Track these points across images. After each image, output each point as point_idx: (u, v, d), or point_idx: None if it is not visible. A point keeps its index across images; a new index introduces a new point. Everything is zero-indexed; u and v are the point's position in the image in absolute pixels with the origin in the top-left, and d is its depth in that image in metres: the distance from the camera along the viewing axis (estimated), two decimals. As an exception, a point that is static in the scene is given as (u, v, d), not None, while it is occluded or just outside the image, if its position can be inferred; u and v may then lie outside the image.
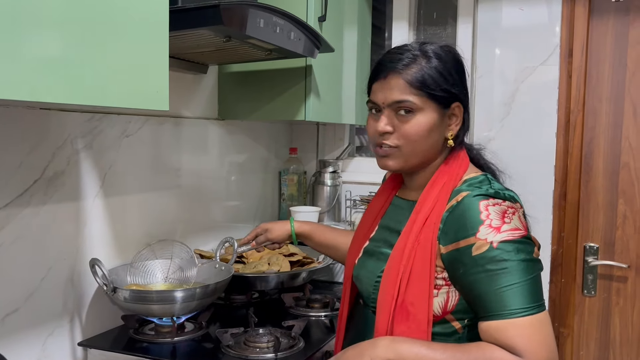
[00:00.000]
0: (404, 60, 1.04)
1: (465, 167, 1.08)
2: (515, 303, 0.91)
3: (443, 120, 1.06)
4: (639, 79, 1.93)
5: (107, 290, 1.36)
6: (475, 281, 0.94)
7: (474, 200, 0.98)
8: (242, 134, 2.08)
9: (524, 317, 0.91)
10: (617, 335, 2.00)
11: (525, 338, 0.90)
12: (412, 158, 1.07)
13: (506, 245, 0.93)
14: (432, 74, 1.03)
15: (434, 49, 1.06)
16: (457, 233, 0.97)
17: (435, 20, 2.28)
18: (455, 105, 1.06)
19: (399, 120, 1.05)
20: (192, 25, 1.25)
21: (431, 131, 1.04)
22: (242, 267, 1.76)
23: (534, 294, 0.93)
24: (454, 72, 1.06)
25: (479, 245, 0.94)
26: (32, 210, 1.30)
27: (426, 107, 1.03)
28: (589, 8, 1.95)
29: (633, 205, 1.95)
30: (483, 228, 0.95)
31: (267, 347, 1.35)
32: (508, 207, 0.98)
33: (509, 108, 2.06)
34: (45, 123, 1.32)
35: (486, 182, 1.03)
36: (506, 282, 0.92)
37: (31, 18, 0.81)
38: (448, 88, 1.04)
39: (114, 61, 0.95)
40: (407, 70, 1.03)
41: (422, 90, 1.03)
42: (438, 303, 1.01)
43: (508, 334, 0.90)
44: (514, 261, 0.93)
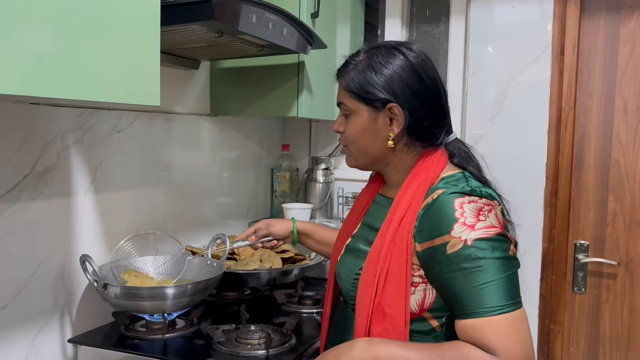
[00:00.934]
0: (348, 66, 1.10)
1: (443, 165, 1.07)
2: (491, 301, 0.90)
3: (378, 122, 1.07)
4: (630, 77, 1.94)
5: (98, 287, 1.35)
6: (451, 279, 0.94)
7: (449, 197, 0.97)
8: (234, 130, 2.07)
9: (500, 315, 0.90)
10: (607, 331, 2.01)
11: (500, 336, 0.89)
12: (360, 157, 1.12)
13: (481, 243, 0.93)
14: (363, 77, 1.07)
15: (379, 51, 1.07)
16: (432, 231, 0.97)
17: (428, 17, 2.28)
18: (392, 106, 1.05)
19: (345, 120, 1.12)
20: (183, 20, 1.24)
21: (364, 131, 1.08)
22: (234, 263, 1.76)
23: (510, 291, 0.92)
24: (393, 75, 1.05)
25: (453, 244, 0.94)
26: (22, 205, 1.29)
27: (358, 108, 1.08)
28: (581, 6, 1.95)
29: (623, 203, 1.96)
30: (457, 226, 0.94)
31: (259, 343, 1.35)
32: (484, 204, 0.97)
33: (501, 106, 2.07)
34: (35, 118, 1.31)
35: (463, 180, 1.02)
36: (481, 280, 0.91)
37: (21, 13, 0.80)
38: (374, 91, 1.05)
39: (105, 56, 0.94)
40: (347, 74, 1.10)
41: (352, 92, 1.08)
42: (415, 300, 1.00)
43: (483, 333, 0.90)
44: (489, 259, 0.92)
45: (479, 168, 1.10)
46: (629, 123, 1.95)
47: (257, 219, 2.23)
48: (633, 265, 1.96)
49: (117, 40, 0.96)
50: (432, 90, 1.07)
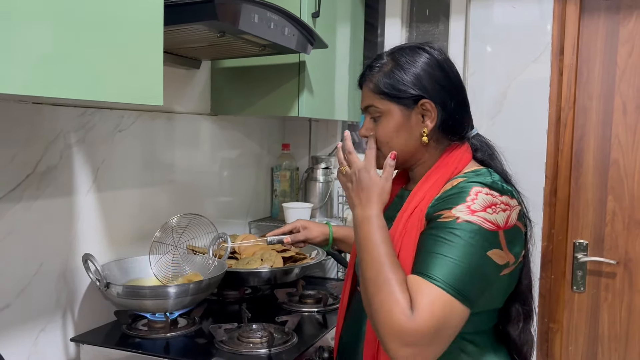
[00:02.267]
0: (373, 69, 1.12)
1: (467, 161, 1.09)
2: (442, 273, 0.91)
3: (411, 119, 1.08)
4: (629, 77, 1.95)
5: (100, 286, 1.35)
6: (425, 239, 0.97)
7: (468, 185, 1.00)
8: (234, 130, 2.08)
9: (444, 291, 0.90)
10: (606, 330, 2.02)
11: (428, 303, 0.88)
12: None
13: (467, 225, 0.94)
14: (392, 78, 1.08)
15: (404, 52, 1.10)
16: (440, 206, 1.00)
17: (428, 17, 2.28)
18: (424, 102, 1.07)
19: (373, 124, 1.13)
20: (186, 20, 1.25)
21: (398, 131, 1.09)
22: (235, 262, 1.76)
23: (461, 281, 0.91)
24: (421, 72, 1.07)
25: (447, 216, 0.96)
26: (24, 205, 1.29)
27: (390, 109, 1.09)
28: (580, 6, 1.96)
29: (622, 202, 1.97)
30: (461, 206, 0.96)
31: (261, 342, 1.36)
32: (501, 202, 0.98)
33: (501, 105, 2.07)
34: (38, 117, 1.32)
35: (487, 174, 1.04)
36: (445, 252, 0.92)
37: (24, 13, 0.80)
38: (406, 89, 1.07)
39: (108, 56, 0.95)
40: (373, 77, 1.11)
41: (381, 94, 1.09)
42: None
43: (420, 289, 0.90)
44: (464, 241, 0.93)
45: (501, 162, 1.13)
46: (628, 123, 1.96)
47: (258, 218, 2.24)
48: (632, 265, 1.97)
49: (120, 40, 0.97)
50: (458, 85, 1.11)
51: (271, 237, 1.50)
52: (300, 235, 1.48)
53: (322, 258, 1.82)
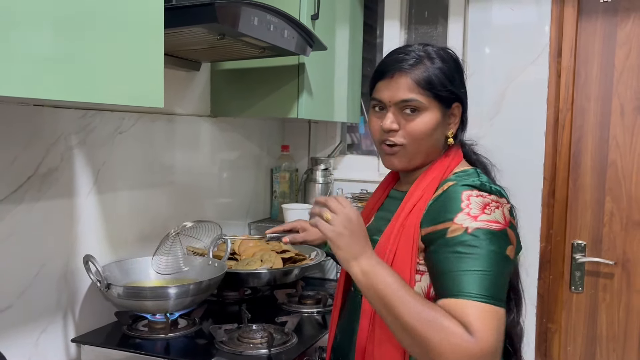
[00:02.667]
0: (410, 61, 1.07)
1: (458, 161, 1.12)
2: (476, 287, 0.92)
3: (444, 120, 1.10)
4: (627, 78, 1.96)
5: (101, 287, 1.36)
6: (444, 260, 0.96)
7: (458, 189, 1.01)
8: (234, 131, 2.09)
9: (485, 303, 0.91)
10: (604, 330, 2.03)
11: (480, 321, 0.89)
12: (416, 156, 1.10)
13: (480, 233, 0.95)
14: (438, 75, 1.06)
15: (436, 50, 1.10)
16: (437, 217, 1.00)
17: (427, 19, 2.29)
18: (456, 106, 1.10)
19: (404, 118, 1.07)
20: (186, 22, 1.26)
21: (435, 130, 1.08)
22: (235, 263, 1.77)
23: (496, 287, 0.93)
24: (455, 73, 1.10)
25: (454, 229, 0.96)
26: (26, 206, 1.30)
27: (431, 106, 1.07)
28: (578, 9, 1.97)
29: (620, 203, 1.98)
30: (461, 215, 0.97)
31: (261, 342, 1.37)
32: (492, 200, 1.00)
33: (499, 107, 2.08)
34: (39, 119, 1.32)
35: (474, 175, 1.06)
36: (472, 266, 0.93)
37: (26, 15, 0.81)
38: (451, 89, 1.08)
39: (109, 58, 0.96)
40: (414, 70, 1.06)
41: (428, 90, 1.06)
42: (421, 288, 1.03)
43: (465, 311, 0.90)
44: (484, 249, 0.94)
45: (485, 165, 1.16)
46: (625, 124, 1.97)
47: (257, 219, 2.24)
48: (630, 265, 1.98)
49: (121, 43, 0.98)
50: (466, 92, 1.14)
51: (270, 235, 1.51)
52: (298, 236, 1.48)
53: (322, 259, 1.82)
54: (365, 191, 2.27)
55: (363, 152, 2.46)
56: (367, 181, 2.28)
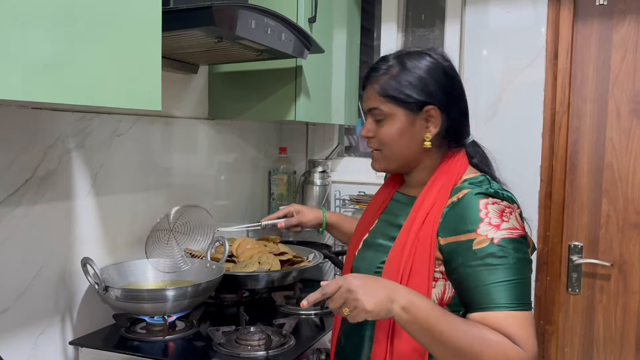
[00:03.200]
0: (379, 72, 1.13)
1: (465, 167, 1.12)
2: (510, 297, 0.95)
3: (415, 124, 1.11)
4: (622, 81, 1.97)
5: (99, 289, 1.36)
6: (474, 273, 0.98)
7: (474, 197, 1.02)
8: (232, 134, 2.09)
9: (520, 311, 0.95)
10: (601, 332, 2.04)
11: (522, 329, 0.93)
12: (393, 160, 1.14)
13: (506, 243, 0.98)
14: (399, 82, 1.09)
15: (411, 57, 1.11)
16: (457, 227, 1.01)
17: (424, 21, 2.30)
18: (429, 109, 1.10)
19: (377, 125, 1.14)
20: (184, 26, 1.26)
21: (402, 134, 1.11)
22: (233, 266, 1.77)
23: (526, 292, 0.98)
24: (428, 78, 1.10)
25: (479, 240, 0.98)
26: (24, 209, 1.30)
27: (395, 112, 1.10)
28: (574, 12, 1.99)
29: (616, 205, 1.99)
30: (483, 225, 0.99)
31: (259, 344, 1.37)
32: (506, 206, 1.02)
33: (496, 109, 2.09)
34: (37, 122, 1.33)
35: (486, 182, 1.08)
36: (503, 277, 0.96)
37: (24, 18, 0.81)
38: (413, 94, 1.09)
39: (108, 61, 0.96)
40: (379, 80, 1.12)
41: (387, 97, 1.10)
42: (435, 294, 1.04)
43: (506, 323, 0.93)
44: (512, 258, 0.97)
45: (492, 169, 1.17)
46: (621, 126, 1.98)
47: (255, 221, 2.24)
48: (626, 267, 1.99)
49: (119, 46, 0.98)
50: (461, 92, 1.14)
51: (265, 222, 1.53)
52: (293, 219, 1.51)
53: (319, 261, 1.83)
54: (362, 193, 2.27)
55: (361, 154, 2.46)
56: (365, 183, 2.29)
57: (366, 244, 1.21)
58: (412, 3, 2.31)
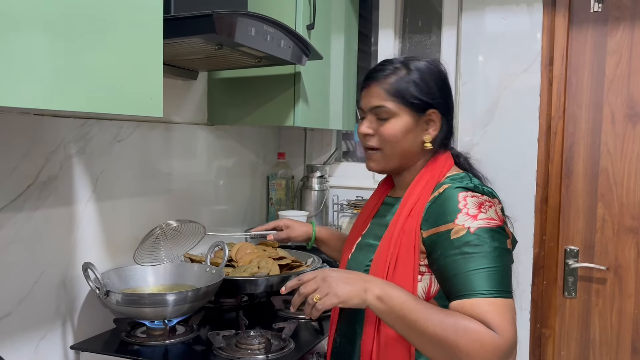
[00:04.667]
0: (385, 72, 1.17)
1: (449, 166, 1.17)
2: (487, 284, 0.97)
3: (418, 125, 1.16)
4: (617, 86, 1.99)
5: (100, 294, 1.37)
6: (452, 262, 1.01)
7: (454, 191, 1.07)
8: (231, 139, 2.10)
9: (497, 297, 0.97)
10: (597, 335, 2.05)
11: (499, 315, 0.95)
12: (391, 159, 1.18)
13: (482, 232, 1.01)
14: (408, 84, 1.14)
15: (418, 62, 1.17)
16: (437, 219, 1.05)
17: (420, 28, 2.32)
18: (431, 112, 1.16)
19: (378, 124, 1.17)
20: (185, 33, 1.28)
21: (406, 133, 1.15)
22: (232, 270, 1.78)
23: (504, 280, 0.99)
24: (432, 84, 1.16)
25: (457, 230, 1.02)
26: (26, 214, 1.31)
27: (401, 112, 1.15)
28: (569, 18, 2.01)
29: (611, 209, 2.01)
30: (461, 215, 1.03)
31: (259, 348, 1.38)
32: (485, 200, 1.06)
33: (492, 114, 2.11)
34: (39, 128, 1.34)
35: (467, 178, 1.12)
36: (480, 264, 0.98)
37: (27, 26, 0.83)
38: (420, 97, 1.14)
39: (110, 68, 0.98)
40: (386, 80, 1.16)
41: (396, 97, 1.14)
42: (422, 288, 1.08)
43: (482, 310, 0.95)
44: (489, 247, 1.00)
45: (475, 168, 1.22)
46: (616, 132, 2.00)
47: (253, 226, 2.25)
48: (621, 270, 2.01)
49: (121, 53, 1.00)
50: (452, 100, 1.20)
51: (255, 232, 1.56)
52: (282, 233, 1.55)
53: (318, 265, 1.84)
54: (360, 198, 2.29)
55: (358, 159, 2.48)
56: (363, 188, 2.30)
57: (358, 247, 1.25)
58: (409, 9, 2.33)
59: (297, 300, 1.05)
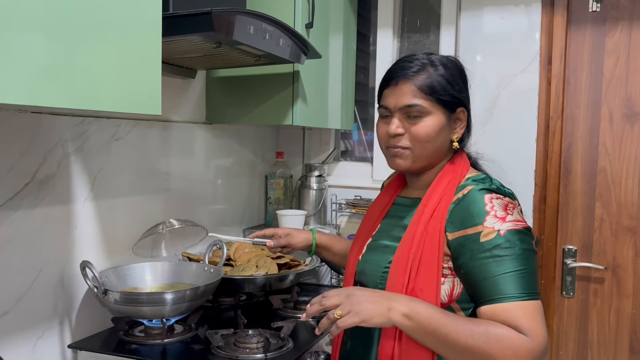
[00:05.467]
0: (414, 68, 1.12)
1: (468, 167, 1.16)
2: (518, 287, 0.97)
3: (449, 124, 1.14)
4: (615, 86, 1.99)
5: (98, 293, 1.37)
6: (482, 265, 1.00)
7: (479, 193, 1.06)
8: (229, 138, 2.10)
9: (528, 300, 0.97)
10: (595, 335, 2.05)
11: (530, 319, 0.95)
12: (421, 158, 1.14)
13: (512, 234, 1.00)
14: (440, 81, 1.11)
15: (440, 58, 1.15)
16: (464, 221, 1.04)
17: (419, 27, 2.32)
18: (460, 110, 1.15)
19: (409, 123, 1.12)
20: (183, 31, 1.27)
21: (439, 133, 1.12)
22: (230, 269, 1.78)
23: (533, 282, 1.00)
24: (459, 80, 1.15)
25: (486, 233, 1.01)
26: (23, 213, 1.31)
27: (434, 110, 1.11)
28: (567, 18, 2.01)
29: (609, 209, 2.01)
30: (489, 218, 1.02)
31: (257, 347, 1.38)
32: (508, 202, 1.06)
33: (491, 114, 2.12)
34: (36, 126, 1.34)
35: (488, 180, 1.12)
36: (511, 267, 0.98)
37: (25, 23, 0.82)
38: (454, 94, 1.12)
39: (108, 66, 0.97)
40: (417, 77, 1.11)
41: (431, 95, 1.11)
42: (444, 290, 1.06)
43: (514, 314, 0.95)
44: (519, 249, 0.99)
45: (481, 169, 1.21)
46: (614, 131, 2.00)
47: (252, 225, 2.26)
48: (619, 270, 2.01)
49: (119, 51, 0.99)
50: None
51: (257, 239, 1.54)
52: (282, 240, 1.50)
53: (316, 265, 1.84)
54: (359, 197, 2.29)
55: (357, 158, 2.48)
56: (361, 187, 2.30)
57: (370, 248, 1.21)
58: (408, 9, 2.33)
59: (313, 310, 1.03)
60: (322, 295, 1.05)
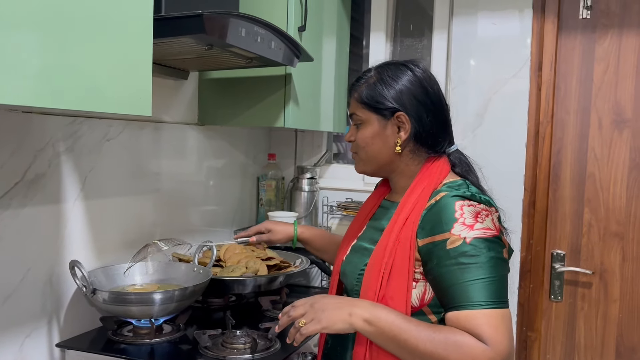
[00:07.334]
0: (361, 80, 1.21)
1: (446, 172, 1.16)
2: (483, 295, 0.98)
3: (387, 129, 1.16)
4: (604, 93, 2.01)
5: (87, 292, 1.37)
6: (448, 272, 1.01)
7: (451, 199, 1.06)
8: (221, 140, 2.11)
9: (492, 309, 0.97)
10: (582, 339, 2.07)
11: (492, 327, 0.96)
12: (367, 162, 1.21)
13: (478, 242, 1.01)
14: (372, 89, 1.17)
15: (388, 67, 1.19)
16: (433, 228, 1.05)
17: (412, 31, 2.34)
18: (400, 115, 1.15)
19: (356, 130, 1.21)
20: (175, 33, 1.28)
21: (374, 138, 1.17)
22: (220, 270, 1.79)
23: (500, 290, 1.00)
24: (399, 86, 1.15)
25: (453, 240, 1.01)
26: (12, 212, 1.31)
27: (370, 118, 1.18)
28: (558, 24, 2.03)
29: (598, 214, 2.03)
30: (457, 225, 1.02)
31: (245, 348, 1.38)
32: (482, 209, 1.06)
33: (482, 118, 2.13)
34: (27, 126, 1.34)
35: (464, 186, 1.11)
36: (476, 275, 0.99)
37: (16, 24, 0.83)
38: (382, 100, 1.15)
39: (99, 67, 0.98)
40: (359, 88, 1.20)
41: (363, 103, 1.18)
42: (416, 295, 1.07)
43: (476, 322, 0.96)
44: (485, 257, 1.00)
45: (477, 177, 1.20)
46: (603, 137, 2.02)
47: (243, 227, 2.26)
48: (607, 275, 2.03)
49: (110, 52, 1.00)
50: (436, 102, 1.18)
51: (241, 239, 1.59)
52: (264, 237, 1.57)
53: (306, 266, 1.85)
54: (350, 200, 2.30)
55: (349, 161, 2.49)
56: (353, 190, 2.31)
57: (353, 249, 1.25)
58: (401, 13, 2.35)
59: (283, 322, 1.09)
60: (292, 305, 1.09)
